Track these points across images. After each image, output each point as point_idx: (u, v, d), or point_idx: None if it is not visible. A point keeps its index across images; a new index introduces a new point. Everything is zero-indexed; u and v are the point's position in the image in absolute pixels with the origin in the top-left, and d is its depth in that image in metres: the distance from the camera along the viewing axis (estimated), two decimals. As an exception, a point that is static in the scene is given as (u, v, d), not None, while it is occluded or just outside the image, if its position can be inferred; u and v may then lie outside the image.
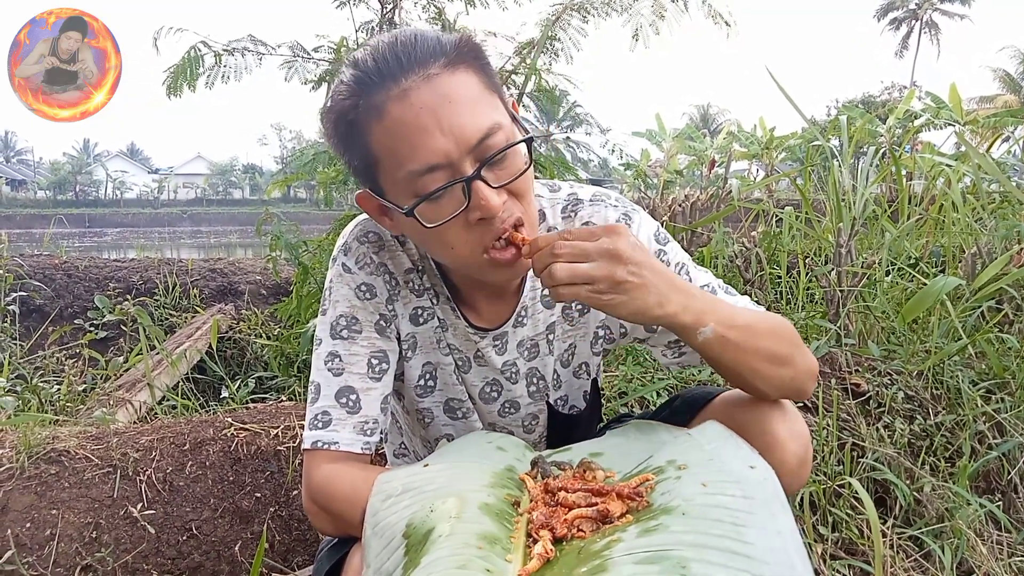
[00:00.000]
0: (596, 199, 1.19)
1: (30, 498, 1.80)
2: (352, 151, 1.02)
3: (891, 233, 3.18)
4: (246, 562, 1.90)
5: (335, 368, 1.11)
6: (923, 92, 21.09)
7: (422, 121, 0.94)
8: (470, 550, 0.76)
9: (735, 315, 1.02)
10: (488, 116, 0.97)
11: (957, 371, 2.34)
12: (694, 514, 0.74)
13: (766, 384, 1.06)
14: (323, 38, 3.83)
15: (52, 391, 2.90)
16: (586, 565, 0.72)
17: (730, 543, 0.68)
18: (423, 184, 0.96)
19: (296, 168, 3.94)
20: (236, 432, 2.09)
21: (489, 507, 0.86)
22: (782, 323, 1.09)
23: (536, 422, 1.31)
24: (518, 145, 1.00)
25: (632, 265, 0.91)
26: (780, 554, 0.67)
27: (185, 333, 3.82)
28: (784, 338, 1.07)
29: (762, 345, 1.03)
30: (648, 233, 1.17)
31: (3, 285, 3.99)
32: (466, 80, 0.97)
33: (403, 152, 0.96)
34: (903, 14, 62.61)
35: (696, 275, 1.16)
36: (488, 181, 0.97)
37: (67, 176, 56.51)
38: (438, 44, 0.97)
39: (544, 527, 0.81)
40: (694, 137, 27.74)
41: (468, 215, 0.98)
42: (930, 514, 1.95)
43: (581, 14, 3.95)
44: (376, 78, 0.95)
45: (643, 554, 0.70)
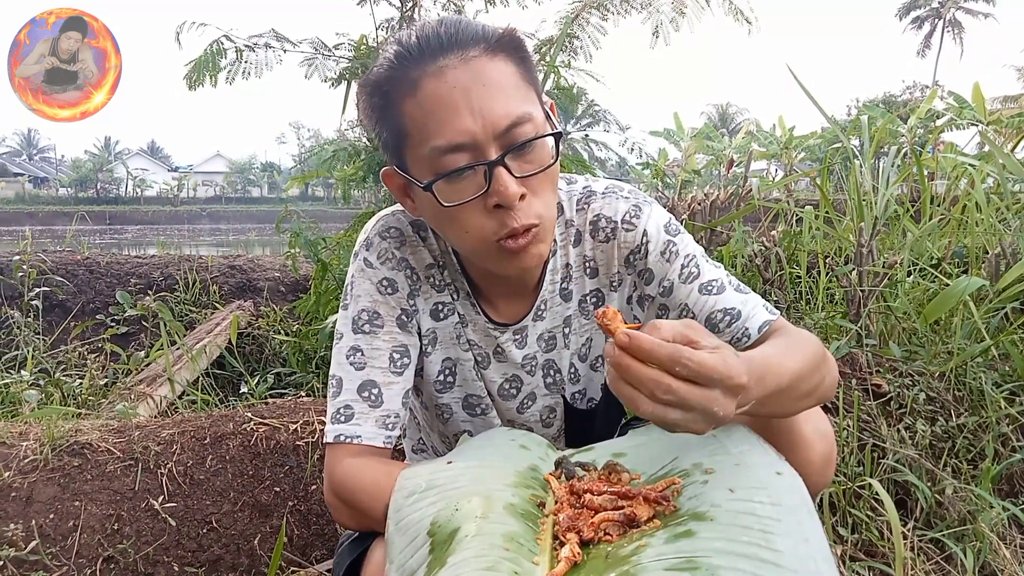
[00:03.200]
0: (608, 191, 1.19)
1: (53, 490, 1.83)
2: (383, 123, 1.02)
3: (913, 233, 3.15)
4: (265, 556, 1.91)
5: (357, 362, 1.12)
6: (945, 92, 20.83)
7: (453, 99, 0.94)
8: (497, 551, 0.76)
9: (781, 376, 0.88)
10: (520, 105, 0.97)
11: (980, 373, 2.31)
12: (723, 520, 0.73)
13: (792, 413, 0.99)
14: (343, 36, 3.85)
15: (74, 385, 2.94)
16: (615, 570, 0.71)
17: (759, 551, 0.68)
18: (445, 162, 0.96)
19: (315, 165, 3.97)
20: (255, 427, 2.10)
21: (514, 507, 0.85)
22: (813, 351, 1.00)
23: (554, 415, 1.31)
24: (545, 141, 1.00)
25: (725, 400, 0.77)
26: (808, 562, 0.67)
27: (205, 329, 3.85)
28: (816, 367, 0.98)
29: (800, 388, 0.94)
30: (658, 224, 1.16)
31: (27, 280, 4.04)
32: (503, 67, 0.97)
33: (431, 127, 0.96)
34: (926, 12, 61.99)
35: (705, 269, 1.15)
36: (511, 169, 0.97)
37: (88, 174, 57.07)
38: (482, 31, 0.98)
39: (571, 530, 0.80)
40: (712, 136, 27.61)
41: (486, 200, 0.98)
42: (952, 517, 1.93)
43: (600, 12, 3.94)
44: (416, 54, 0.96)
45: (673, 560, 0.69)
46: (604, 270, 1.20)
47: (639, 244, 1.16)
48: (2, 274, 4.37)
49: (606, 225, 1.17)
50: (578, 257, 1.20)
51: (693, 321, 0.82)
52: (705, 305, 1.11)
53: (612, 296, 1.21)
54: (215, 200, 56.87)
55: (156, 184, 57.40)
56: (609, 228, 1.17)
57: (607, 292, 1.21)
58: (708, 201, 4.48)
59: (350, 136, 4.48)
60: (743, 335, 1.09)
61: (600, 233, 1.18)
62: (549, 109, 1.05)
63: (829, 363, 1.04)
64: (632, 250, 1.17)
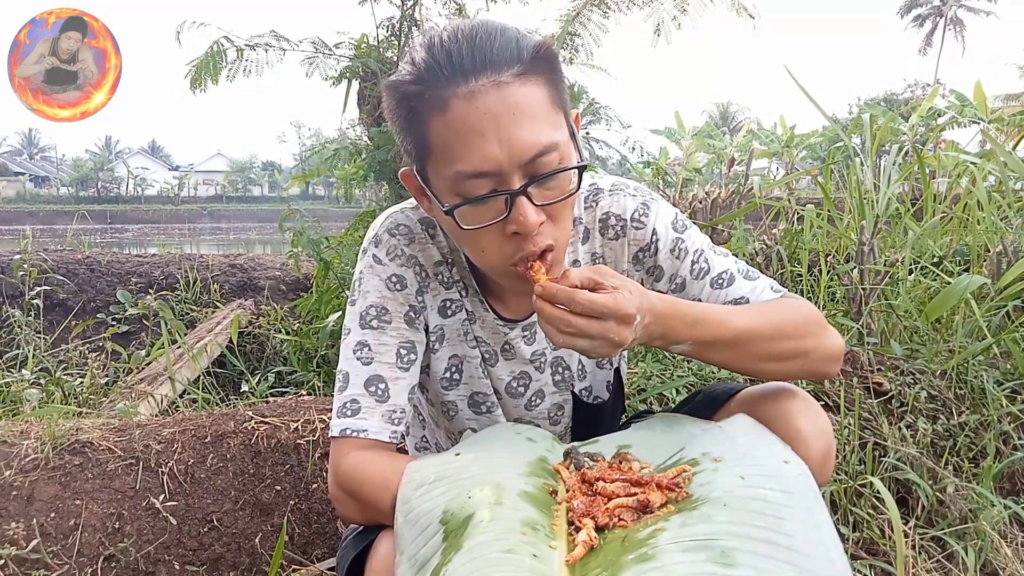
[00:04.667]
0: (615, 188, 1.21)
1: (54, 488, 1.83)
2: (408, 135, 1.02)
3: (914, 231, 3.14)
4: (266, 554, 1.91)
5: (364, 357, 1.12)
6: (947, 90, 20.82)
7: (482, 126, 0.94)
8: (514, 535, 0.76)
9: (722, 329, 1.04)
10: (547, 134, 0.97)
11: (982, 371, 2.31)
12: (735, 506, 0.75)
13: (772, 376, 1.13)
14: (344, 35, 3.86)
15: (75, 384, 2.93)
16: (633, 552, 0.73)
17: (772, 535, 0.70)
18: (468, 187, 0.97)
19: (316, 164, 3.96)
20: (256, 426, 2.10)
21: (528, 495, 0.86)
22: (792, 317, 1.11)
23: (562, 413, 1.32)
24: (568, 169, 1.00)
25: (619, 328, 0.94)
26: (819, 547, 0.69)
27: (206, 328, 3.85)
28: (790, 335, 1.09)
29: (756, 350, 1.07)
30: (666, 221, 1.19)
31: (28, 279, 4.04)
32: (534, 93, 0.97)
33: (457, 151, 0.96)
34: (927, 11, 61.94)
35: (715, 262, 1.18)
36: (532, 198, 0.98)
37: (89, 173, 57.08)
38: (516, 48, 0.96)
39: (586, 515, 0.82)
40: (713, 135, 27.59)
41: (505, 226, 0.99)
42: (953, 515, 1.93)
43: (601, 9, 3.94)
44: (447, 71, 0.95)
45: (689, 542, 0.71)
46: (612, 267, 1.21)
47: (649, 242, 1.19)
48: (3, 273, 4.38)
49: (616, 223, 1.20)
50: (587, 254, 1.22)
51: (601, 266, 1.05)
52: (718, 299, 1.17)
53: None
54: (216, 199, 56.87)
55: (157, 183, 57.41)
56: (619, 226, 1.20)
57: None
58: (710, 199, 4.48)
59: (351, 135, 4.49)
60: None
61: (610, 231, 1.20)
62: (574, 121, 1.06)
63: (822, 334, 1.12)
64: (642, 248, 1.19)
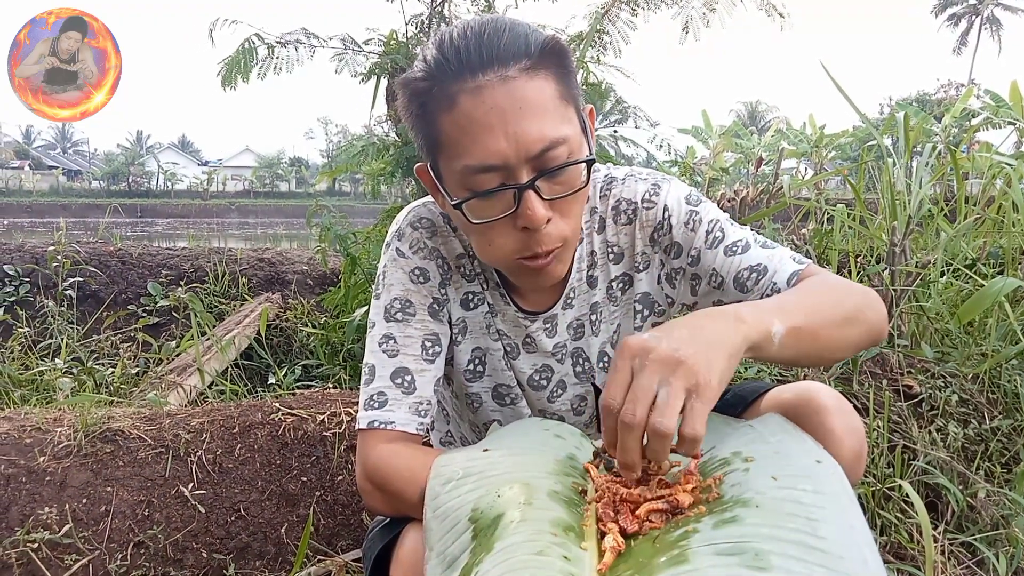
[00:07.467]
0: (629, 176, 1.21)
1: (86, 475, 1.86)
2: (419, 130, 1.04)
3: (947, 233, 3.09)
4: (292, 544, 1.93)
5: (390, 350, 1.13)
6: (982, 90, 20.44)
7: (489, 120, 0.94)
8: (545, 536, 0.76)
9: (786, 303, 0.97)
10: (555, 128, 0.97)
11: (1015, 375, 2.27)
12: (768, 507, 0.74)
13: (845, 352, 1.04)
14: (373, 31, 3.88)
15: (107, 373, 2.99)
16: (664, 555, 0.71)
17: (805, 537, 0.68)
18: (476, 181, 0.98)
19: (344, 160, 3.99)
20: (283, 417, 2.13)
21: (557, 494, 0.85)
22: (829, 282, 1.06)
23: (584, 403, 1.31)
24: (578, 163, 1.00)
25: (661, 358, 0.79)
26: (853, 549, 0.67)
27: (234, 320, 3.89)
28: (840, 297, 1.03)
29: (828, 316, 0.99)
30: (678, 196, 1.17)
31: (61, 271, 4.11)
32: (542, 87, 0.96)
33: (464, 145, 0.97)
34: (962, 9, 60.87)
35: (730, 232, 1.15)
36: (540, 192, 0.98)
37: (121, 167, 57.87)
38: (525, 43, 0.96)
39: (614, 519, 0.80)
40: (741, 134, 27.35)
41: (514, 220, 1.00)
42: (984, 521, 1.90)
43: (630, 7, 3.92)
44: (455, 66, 0.95)
45: (722, 545, 0.70)
46: (628, 253, 1.21)
47: (661, 220, 1.17)
48: (37, 264, 4.46)
49: (627, 207, 1.19)
50: (602, 244, 1.21)
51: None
52: (732, 266, 1.12)
53: (640, 278, 1.21)
54: (244, 194, 57.38)
55: (186, 178, 58.06)
56: (630, 210, 1.19)
57: (634, 275, 1.22)
58: (738, 199, 4.44)
59: (378, 131, 4.51)
60: (772, 289, 1.09)
61: (622, 216, 1.20)
62: (588, 116, 1.05)
63: (858, 291, 1.06)
64: (655, 227, 1.18)
